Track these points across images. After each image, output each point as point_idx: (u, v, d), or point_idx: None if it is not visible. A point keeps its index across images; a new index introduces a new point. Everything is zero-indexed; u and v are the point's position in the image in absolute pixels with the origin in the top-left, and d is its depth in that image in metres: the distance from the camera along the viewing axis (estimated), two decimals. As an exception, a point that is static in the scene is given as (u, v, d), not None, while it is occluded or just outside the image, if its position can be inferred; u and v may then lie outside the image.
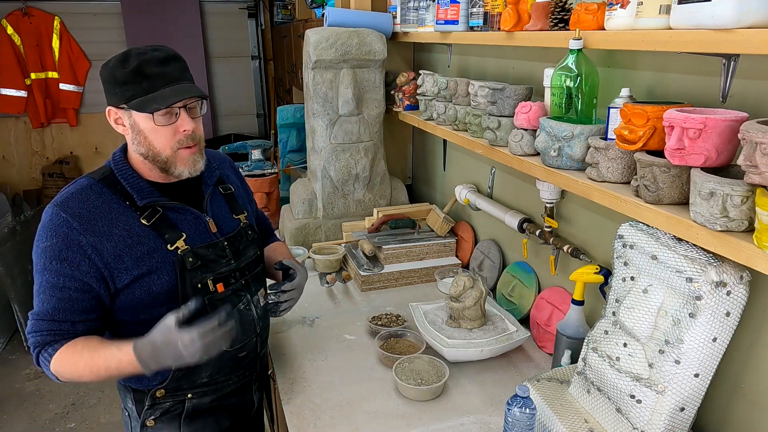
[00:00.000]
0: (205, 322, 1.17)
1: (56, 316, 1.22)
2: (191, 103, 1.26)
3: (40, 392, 3.33)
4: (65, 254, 1.21)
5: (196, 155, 1.30)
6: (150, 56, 1.22)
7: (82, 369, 1.22)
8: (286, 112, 3.15)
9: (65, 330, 1.23)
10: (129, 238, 1.25)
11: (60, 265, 1.21)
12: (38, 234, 1.24)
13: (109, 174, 1.30)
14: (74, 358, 1.22)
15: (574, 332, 1.44)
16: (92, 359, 1.21)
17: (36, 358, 1.25)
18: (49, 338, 1.23)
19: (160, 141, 1.25)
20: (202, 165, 1.33)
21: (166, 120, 1.23)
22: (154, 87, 1.21)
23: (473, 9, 1.77)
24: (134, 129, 1.25)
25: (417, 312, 1.74)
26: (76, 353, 1.22)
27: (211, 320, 1.18)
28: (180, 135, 1.26)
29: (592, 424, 1.21)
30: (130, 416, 1.42)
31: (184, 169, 1.29)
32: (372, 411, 1.43)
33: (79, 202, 1.24)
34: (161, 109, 1.20)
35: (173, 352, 1.16)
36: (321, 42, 2.26)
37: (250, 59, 5.97)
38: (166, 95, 1.21)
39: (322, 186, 2.43)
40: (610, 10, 1.18)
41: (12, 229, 3.79)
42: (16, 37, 5.05)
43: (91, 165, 5.49)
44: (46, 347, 1.23)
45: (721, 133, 0.95)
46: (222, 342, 1.20)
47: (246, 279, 1.42)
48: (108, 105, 1.27)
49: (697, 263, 1.04)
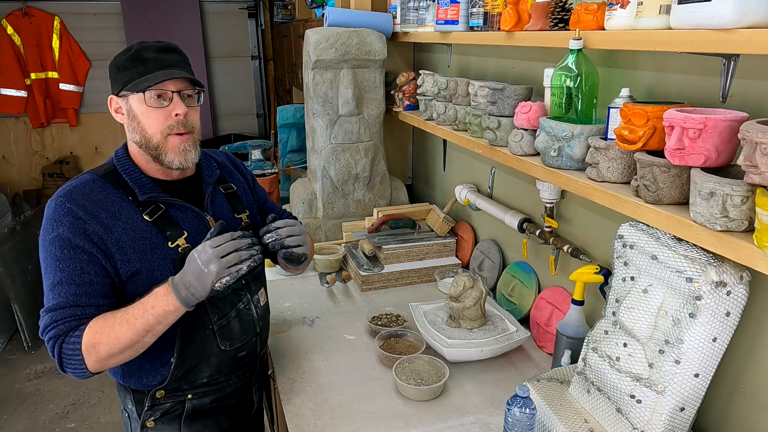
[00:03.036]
0: (219, 236, 1.20)
1: (79, 301, 1.19)
2: (187, 90, 1.28)
3: (40, 392, 3.33)
4: (76, 241, 1.20)
5: (187, 143, 1.29)
6: (150, 44, 1.28)
7: (118, 326, 1.16)
8: (286, 112, 3.15)
9: (90, 314, 1.19)
10: (132, 232, 1.25)
11: (74, 252, 1.20)
12: (44, 227, 1.23)
13: (112, 170, 1.31)
14: (106, 321, 1.18)
15: (574, 332, 1.44)
16: (126, 312, 1.18)
17: (58, 350, 1.18)
18: (73, 324, 1.18)
19: (152, 125, 1.26)
20: (195, 157, 1.32)
21: (158, 103, 1.25)
22: (149, 70, 1.25)
23: (473, 9, 1.77)
24: (130, 115, 1.28)
25: (417, 312, 1.74)
26: (107, 317, 1.18)
27: (225, 234, 1.21)
28: (171, 119, 1.26)
29: (592, 424, 1.21)
30: (129, 417, 1.42)
31: (175, 157, 1.29)
32: (372, 411, 1.43)
33: (82, 194, 1.25)
34: (152, 86, 1.22)
35: (192, 267, 1.17)
36: (321, 42, 2.26)
37: (250, 59, 5.97)
38: (158, 76, 1.24)
39: (322, 186, 2.43)
40: (610, 10, 1.18)
41: (12, 229, 3.79)
42: (16, 37, 5.05)
43: (91, 165, 5.44)
44: (69, 333, 1.18)
45: (721, 133, 0.95)
46: (238, 260, 1.19)
47: (246, 278, 1.42)
48: (110, 95, 1.31)
49: (697, 263, 1.04)
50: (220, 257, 1.16)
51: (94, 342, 1.17)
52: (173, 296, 1.17)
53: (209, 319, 1.34)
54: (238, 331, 1.40)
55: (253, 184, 1.61)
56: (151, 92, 1.24)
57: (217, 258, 1.16)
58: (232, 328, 1.39)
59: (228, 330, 1.38)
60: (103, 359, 1.19)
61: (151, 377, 1.34)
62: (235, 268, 1.19)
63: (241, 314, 1.40)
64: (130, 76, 1.25)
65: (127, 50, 1.28)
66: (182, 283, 1.17)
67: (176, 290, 1.17)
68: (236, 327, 1.39)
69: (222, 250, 1.17)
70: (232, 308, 1.38)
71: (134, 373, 1.34)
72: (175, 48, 1.31)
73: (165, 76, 1.24)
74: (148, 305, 1.18)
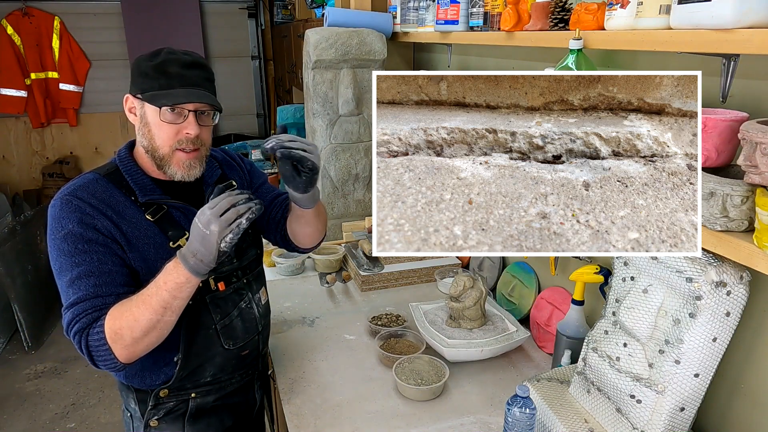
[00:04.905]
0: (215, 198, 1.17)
1: (99, 291, 1.18)
2: (204, 109, 1.28)
3: (40, 392, 3.33)
4: (88, 235, 1.20)
5: (193, 160, 1.30)
6: (177, 57, 1.25)
7: (135, 308, 1.15)
8: (286, 112, 3.15)
9: (110, 303, 1.18)
10: (136, 230, 1.26)
11: (88, 245, 1.19)
12: (52, 226, 1.22)
13: (114, 170, 1.31)
14: (123, 307, 1.17)
15: (574, 332, 1.44)
16: (140, 294, 1.17)
17: (85, 344, 1.17)
18: (95, 315, 1.17)
19: (161, 137, 1.26)
20: (199, 172, 1.32)
21: (172, 119, 1.25)
22: (170, 85, 1.24)
23: (473, 9, 1.77)
24: (143, 120, 1.28)
25: (417, 312, 1.74)
26: (122, 303, 1.17)
27: (221, 195, 1.17)
28: (181, 136, 1.26)
29: (592, 424, 1.21)
30: (132, 417, 1.42)
31: (177, 170, 1.29)
32: (372, 411, 1.43)
33: (87, 192, 1.25)
34: (168, 105, 1.22)
35: (195, 233, 1.14)
36: (321, 42, 2.26)
37: (250, 59, 5.97)
38: (177, 94, 1.23)
39: (322, 186, 2.43)
40: (610, 10, 1.18)
41: (12, 229, 3.79)
42: (16, 37, 5.04)
43: (91, 165, 5.48)
44: (92, 325, 1.17)
45: (721, 133, 0.95)
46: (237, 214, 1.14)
47: (248, 278, 1.43)
48: (128, 93, 1.31)
49: (697, 263, 1.04)
50: (219, 215, 1.13)
51: (115, 329, 1.15)
52: (183, 267, 1.15)
53: (212, 319, 1.35)
54: (240, 330, 1.40)
55: (257, 174, 1.60)
56: (167, 108, 1.23)
57: (216, 217, 1.13)
58: (235, 327, 1.39)
59: (231, 329, 1.38)
60: (129, 346, 1.16)
61: (154, 377, 1.34)
62: (236, 223, 1.14)
63: (243, 313, 1.41)
64: (151, 86, 1.24)
65: (154, 55, 1.26)
66: (189, 252, 1.15)
67: (184, 260, 1.15)
68: (239, 326, 1.40)
69: (219, 208, 1.14)
70: (234, 307, 1.39)
71: (137, 372, 1.34)
72: (201, 64, 1.29)
73: (184, 99, 1.23)
74: (160, 282, 1.16)
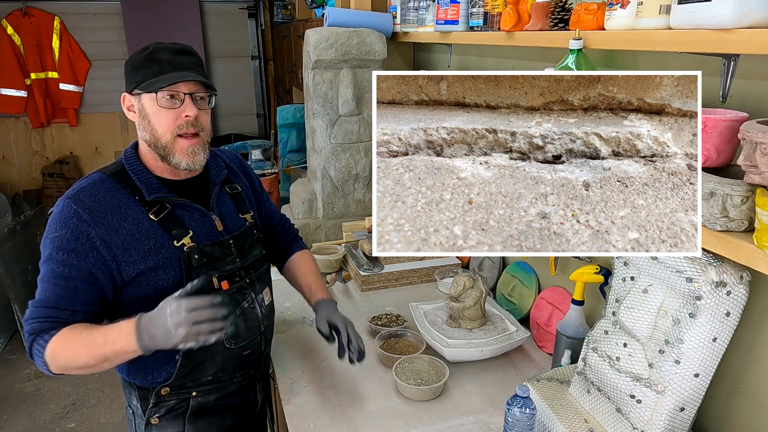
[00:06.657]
0: (197, 298, 1.13)
1: (59, 304, 1.21)
2: (199, 93, 1.30)
3: (40, 392, 3.33)
4: (73, 245, 1.22)
5: (196, 146, 1.31)
6: (165, 46, 1.30)
7: (79, 347, 1.17)
8: (286, 112, 3.15)
9: (64, 318, 1.22)
10: (137, 232, 1.26)
11: (67, 255, 1.21)
12: (48, 225, 1.25)
13: (121, 169, 1.33)
14: (72, 337, 1.19)
15: (574, 332, 1.44)
16: (90, 335, 1.18)
17: (30, 347, 1.22)
18: (46, 325, 1.21)
19: (162, 125, 1.27)
20: (203, 159, 1.34)
21: (169, 103, 1.26)
22: (163, 71, 1.27)
23: (473, 9, 1.77)
24: (141, 114, 1.30)
25: (417, 312, 1.74)
26: (75, 332, 1.20)
27: (204, 298, 1.13)
28: (181, 120, 1.28)
29: (592, 424, 1.21)
30: (134, 414, 1.42)
31: (182, 158, 1.30)
32: (372, 411, 1.43)
33: (90, 195, 1.26)
34: (164, 87, 1.24)
35: (161, 321, 1.11)
36: (321, 42, 2.26)
37: (250, 59, 5.97)
38: (171, 77, 1.26)
39: (322, 186, 2.43)
40: (610, 10, 1.18)
41: (12, 229, 3.79)
42: (16, 37, 5.04)
43: (91, 165, 5.49)
44: (42, 334, 1.20)
45: (721, 133, 0.96)
46: (209, 330, 1.13)
47: (251, 278, 1.43)
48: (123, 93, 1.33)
49: (697, 263, 1.04)
50: (192, 323, 1.11)
51: (55, 353, 1.19)
52: (134, 340, 1.14)
53: None
54: (242, 329, 1.40)
55: (260, 189, 1.62)
56: (163, 93, 1.25)
57: (189, 324, 1.10)
58: (237, 326, 1.39)
59: (233, 328, 1.38)
60: (62, 368, 1.21)
61: (156, 374, 1.35)
62: (204, 338, 1.13)
63: (245, 313, 1.41)
64: (144, 76, 1.27)
65: (143, 50, 1.30)
66: (147, 333, 1.14)
67: (139, 336, 1.14)
68: (241, 325, 1.40)
69: (196, 316, 1.11)
70: (236, 307, 1.39)
71: (140, 370, 1.35)
72: (190, 50, 1.33)
73: (178, 78, 1.26)
74: (109, 338, 1.17)
